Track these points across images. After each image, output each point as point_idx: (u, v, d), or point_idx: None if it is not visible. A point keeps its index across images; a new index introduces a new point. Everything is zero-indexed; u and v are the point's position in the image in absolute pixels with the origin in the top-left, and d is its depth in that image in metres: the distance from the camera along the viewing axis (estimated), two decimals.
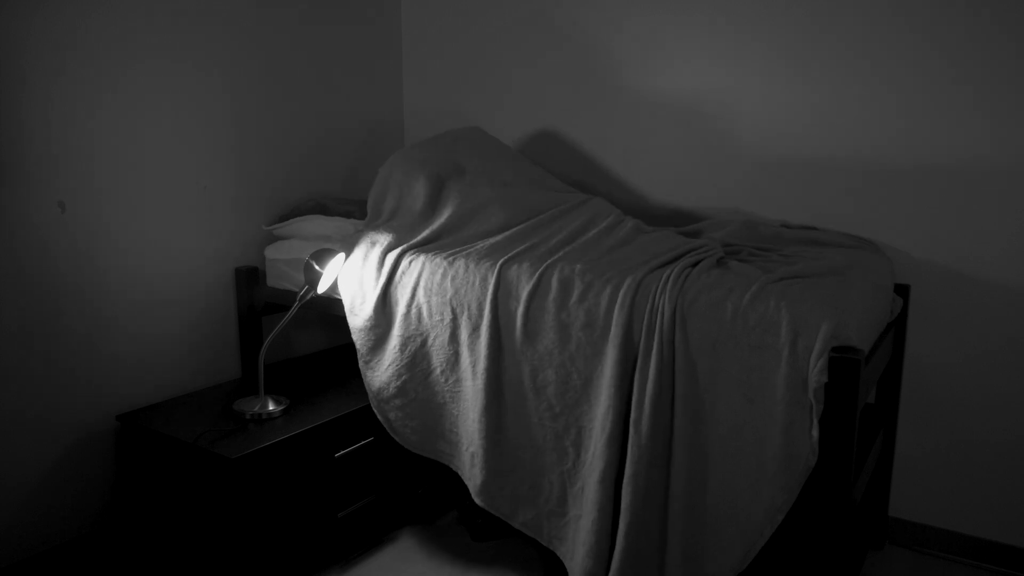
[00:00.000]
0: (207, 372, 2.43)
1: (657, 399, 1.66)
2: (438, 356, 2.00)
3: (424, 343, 2.02)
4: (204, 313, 2.41)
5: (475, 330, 1.93)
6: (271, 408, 2.14)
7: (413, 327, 2.04)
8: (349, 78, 2.84)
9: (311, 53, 2.69)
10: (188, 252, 2.35)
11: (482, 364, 1.90)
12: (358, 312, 2.14)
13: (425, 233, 2.16)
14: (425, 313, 2.01)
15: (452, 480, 2.58)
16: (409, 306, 2.03)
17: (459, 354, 1.97)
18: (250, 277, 2.48)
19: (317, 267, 2.15)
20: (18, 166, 1.92)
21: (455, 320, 1.97)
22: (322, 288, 2.19)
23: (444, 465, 2.21)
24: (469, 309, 1.94)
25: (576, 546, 1.78)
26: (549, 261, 1.90)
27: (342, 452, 2.17)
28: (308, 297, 2.18)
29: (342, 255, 2.21)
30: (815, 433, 1.48)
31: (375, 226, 2.24)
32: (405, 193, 2.30)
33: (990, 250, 2.10)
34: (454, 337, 1.97)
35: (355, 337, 2.14)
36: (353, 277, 2.16)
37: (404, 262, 2.07)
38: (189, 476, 1.99)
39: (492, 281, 1.91)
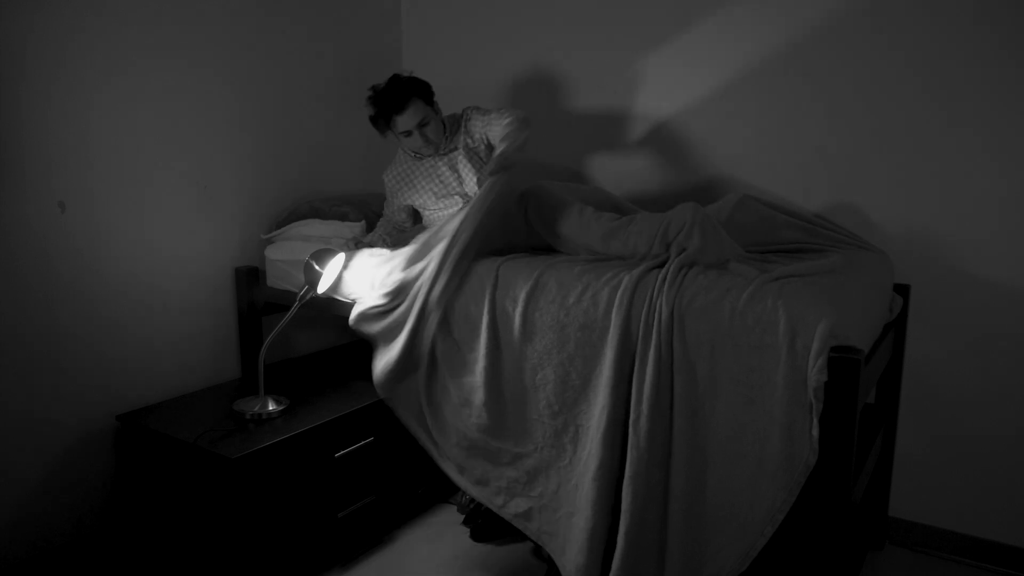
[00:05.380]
0: (207, 372, 2.43)
1: (655, 400, 1.66)
2: (425, 348, 2.01)
3: (419, 336, 2.02)
4: (204, 313, 2.41)
5: (474, 329, 1.94)
6: (271, 408, 2.14)
7: (413, 321, 2.03)
8: (350, 76, 2.84)
9: (313, 54, 2.69)
10: (188, 252, 2.35)
11: (481, 363, 1.91)
12: (366, 300, 2.15)
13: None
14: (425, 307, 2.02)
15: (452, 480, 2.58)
16: (413, 299, 2.03)
17: (453, 351, 1.98)
18: (250, 277, 2.48)
19: (317, 267, 2.15)
20: (17, 166, 1.92)
21: (448, 318, 1.98)
22: (322, 288, 2.19)
23: None
24: (467, 308, 1.95)
25: (568, 542, 1.79)
26: (549, 262, 1.89)
27: (342, 452, 2.17)
28: (308, 297, 2.18)
29: (342, 255, 2.21)
30: (815, 433, 1.48)
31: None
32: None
33: (990, 250, 2.09)
34: (448, 333, 1.98)
35: (362, 323, 2.14)
36: (366, 272, 2.18)
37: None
38: (189, 476, 1.99)
39: (491, 281, 1.91)
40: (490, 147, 2.38)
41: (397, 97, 2.24)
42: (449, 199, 2.37)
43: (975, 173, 2.09)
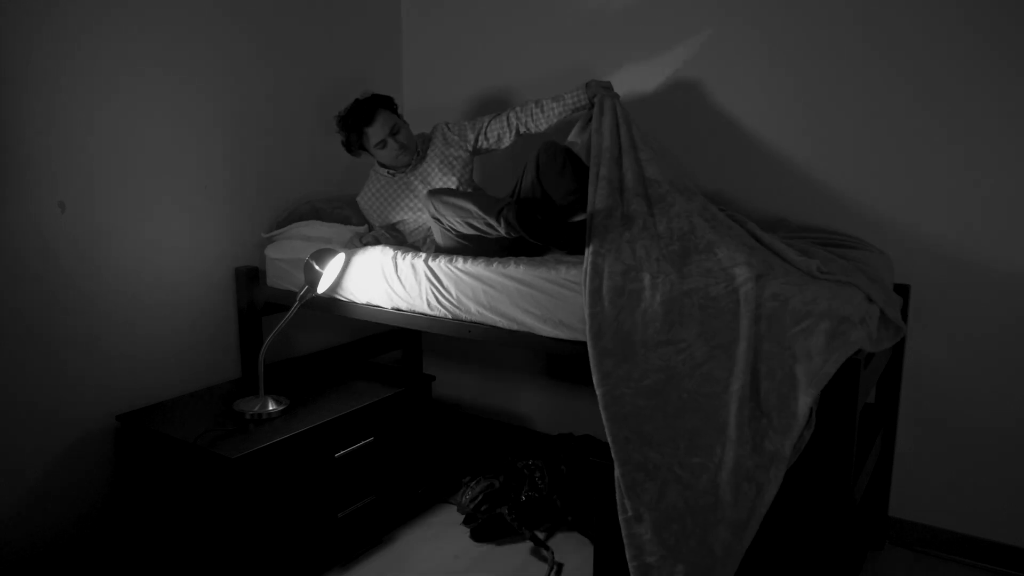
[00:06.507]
0: (207, 372, 2.43)
1: None
2: None
3: None
4: (204, 313, 2.41)
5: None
6: (271, 408, 2.14)
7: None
8: (349, 77, 2.84)
9: (315, 56, 2.69)
10: (188, 252, 2.35)
11: None
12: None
13: None
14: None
15: (452, 480, 2.58)
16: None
17: None
18: (250, 277, 2.48)
19: (317, 267, 2.15)
20: (19, 166, 1.92)
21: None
22: (322, 288, 2.19)
23: (443, 466, 2.18)
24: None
25: None
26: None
27: (342, 452, 2.17)
28: (308, 297, 2.18)
29: (342, 255, 2.21)
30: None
31: None
32: None
33: (990, 250, 2.09)
34: None
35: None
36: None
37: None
38: (189, 476, 1.99)
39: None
40: (477, 151, 2.43)
41: (364, 111, 2.33)
42: (425, 212, 2.36)
43: (975, 173, 2.09)
